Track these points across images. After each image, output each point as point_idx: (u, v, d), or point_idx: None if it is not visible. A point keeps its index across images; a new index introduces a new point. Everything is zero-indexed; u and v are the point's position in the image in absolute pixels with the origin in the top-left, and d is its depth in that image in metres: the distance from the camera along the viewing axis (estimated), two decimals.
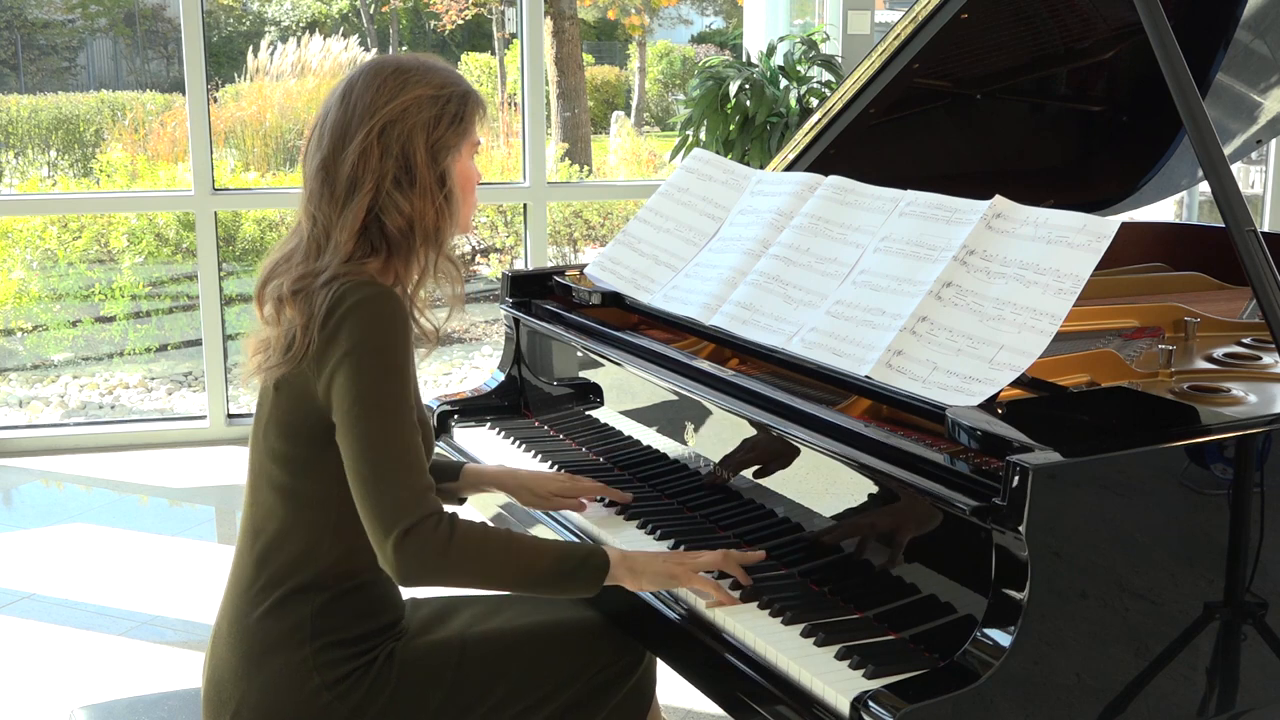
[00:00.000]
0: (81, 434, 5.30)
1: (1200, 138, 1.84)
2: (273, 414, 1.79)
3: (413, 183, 1.76)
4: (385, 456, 1.68)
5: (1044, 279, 1.75)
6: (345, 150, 1.75)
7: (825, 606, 1.76)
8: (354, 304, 1.69)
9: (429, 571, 1.70)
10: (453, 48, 16.69)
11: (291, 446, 1.77)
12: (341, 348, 1.69)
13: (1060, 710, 1.51)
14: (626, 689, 1.98)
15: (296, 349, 1.71)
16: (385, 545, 1.67)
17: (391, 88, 1.76)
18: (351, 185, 1.74)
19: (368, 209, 1.75)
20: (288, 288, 1.74)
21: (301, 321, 1.71)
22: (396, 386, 1.71)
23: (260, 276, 1.82)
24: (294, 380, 1.74)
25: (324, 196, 1.76)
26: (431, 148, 1.77)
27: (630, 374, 2.26)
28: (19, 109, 12.10)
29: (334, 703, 1.77)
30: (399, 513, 1.67)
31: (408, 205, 1.75)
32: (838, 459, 1.76)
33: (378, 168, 1.74)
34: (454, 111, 1.79)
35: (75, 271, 8.15)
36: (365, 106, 1.75)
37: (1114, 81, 2.97)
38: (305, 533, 1.78)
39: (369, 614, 1.82)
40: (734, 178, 2.44)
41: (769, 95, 5.21)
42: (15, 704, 3.09)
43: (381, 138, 1.74)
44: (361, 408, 1.68)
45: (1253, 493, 1.64)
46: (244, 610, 1.81)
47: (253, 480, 1.84)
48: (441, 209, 1.79)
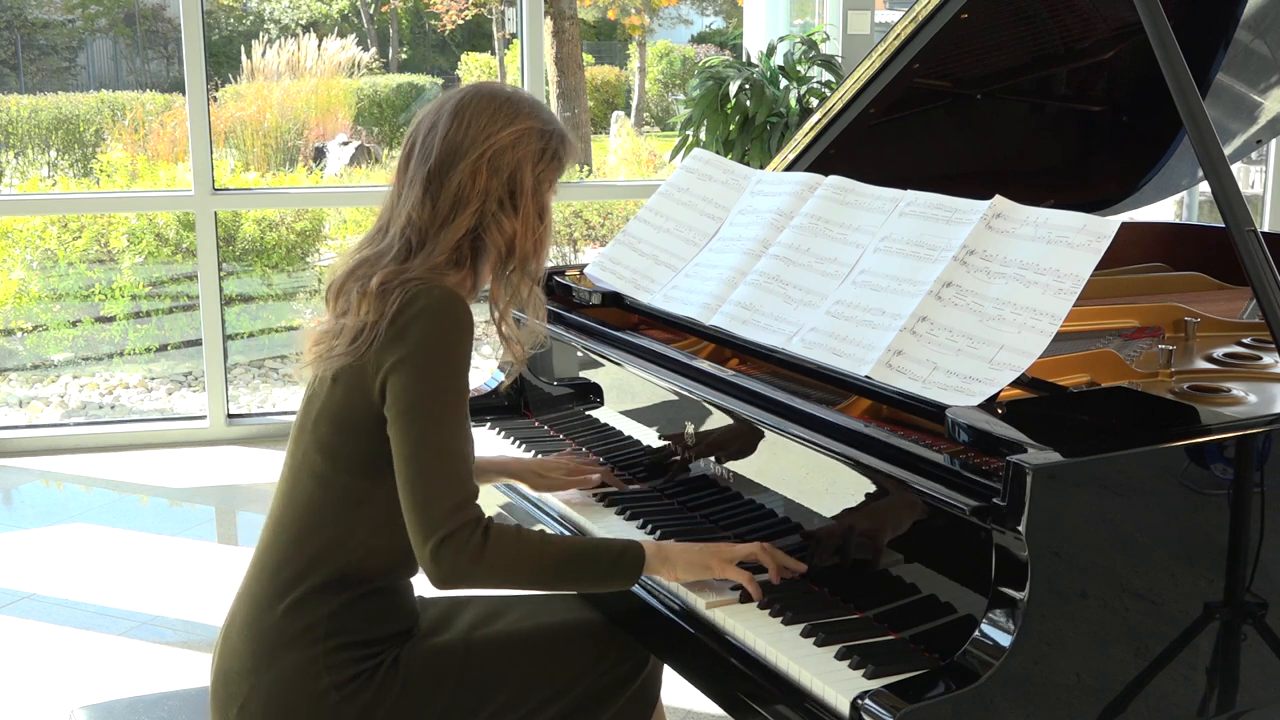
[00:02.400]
0: (81, 434, 5.30)
1: (1200, 138, 1.84)
2: (326, 404, 1.82)
3: (516, 208, 1.84)
4: (436, 461, 1.73)
5: (1044, 279, 1.75)
6: (456, 167, 1.82)
7: (825, 606, 1.76)
8: (425, 306, 1.75)
9: (464, 576, 1.75)
10: (453, 48, 16.69)
11: (340, 437, 1.81)
12: (406, 347, 1.73)
13: (1060, 710, 1.51)
14: (631, 692, 1.98)
15: (363, 340, 1.76)
16: (424, 548, 1.72)
17: (506, 115, 1.84)
18: (457, 203, 1.82)
19: (470, 227, 1.82)
20: (375, 283, 1.78)
21: (374, 317, 1.76)
22: (454, 395, 1.76)
23: (341, 271, 1.87)
24: (353, 372, 1.78)
25: (425, 205, 1.82)
26: (536, 178, 1.86)
27: (630, 374, 2.26)
28: (19, 109, 12.08)
29: (341, 704, 1.78)
30: (441, 519, 1.71)
31: (510, 228, 1.84)
32: (838, 459, 1.76)
33: (486, 189, 1.82)
34: (554, 149, 1.89)
35: (75, 271, 8.14)
36: (481, 129, 1.83)
37: (1114, 81, 2.97)
38: (339, 525, 1.81)
39: (384, 619, 1.84)
40: (734, 178, 2.44)
41: (769, 95, 5.21)
42: (15, 704, 3.09)
43: (492, 161, 1.82)
44: (418, 410, 1.73)
45: (1253, 493, 1.64)
46: (265, 603, 1.82)
47: (292, 472, 1.87)
48: (541, 238, 1.88)
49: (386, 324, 1.75)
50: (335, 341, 1.80)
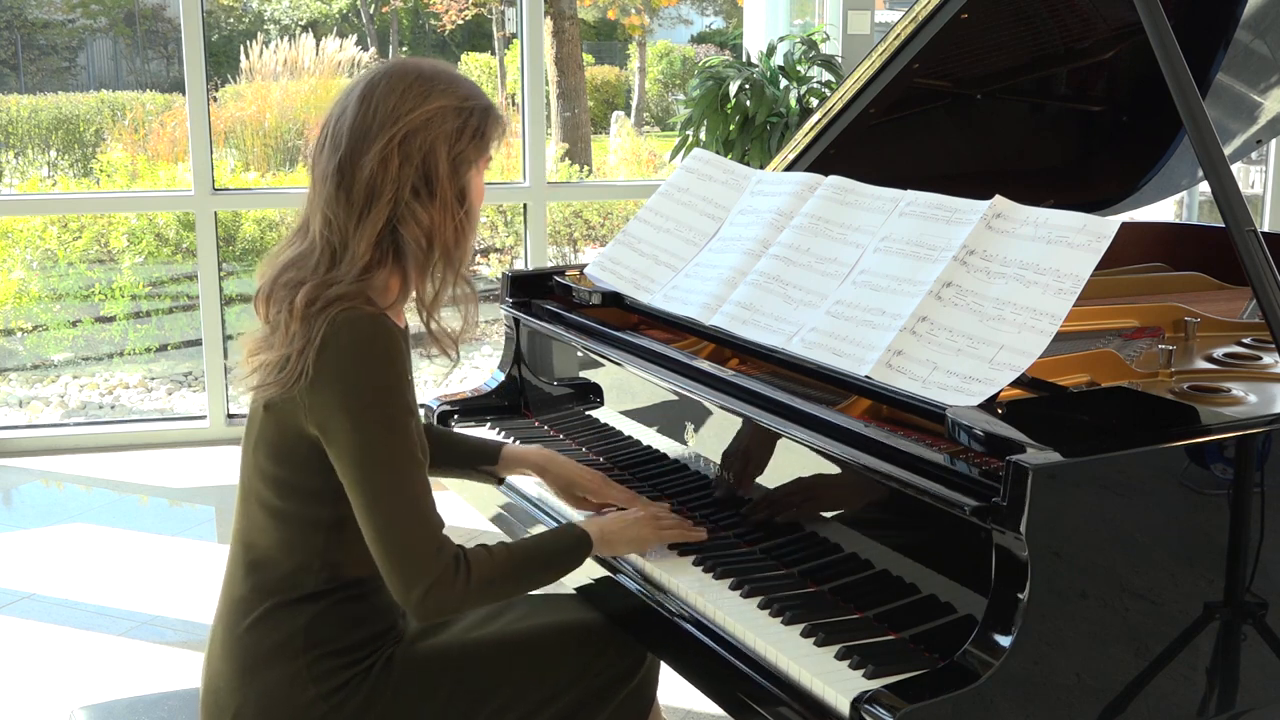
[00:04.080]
0: (81, 434, 5.30)
1: (1200, 138, 1.84)
2: (262, 433, 1.76)
3: (432, 195, 1.72)
4: (400, 506, 1.68)
5: (1044, 279, 1.75)
6: (364, 155, 1.70)
7: (825, 606, 1.76)
8: (348, 343, 1.66)
9: (450, 614, 1.78)
10: (453, 48, 16.68)
11: (279, 469, 1.76)
12: (336, 393, 1.66)
13: (1060, 710, 1.51)
14: (628, 691, 1.97)
15: (289, 373, 1.68)
16: (409, 596, 1.69)
17: (416, 95, 1.72)
18: (370, 193, 1.70)
19: (386, 219, 1.71)
20: (301, 299, 1.69)
21: (299, 345, 1.67)
22: (400, 436, 1.68)
23: (268, 275, 1.77)
24: (283, 404, 1.71)
25: (339, 201, 1.71)
26: (453, 160, 1.74)
27: (630, 374, 2.26)
28: (19, 109, 12.09)
29: (330, 713, 1.76)
30: (422, 568, 1.67)
31: (427, 218, 1.72)
32: (838, 459, 1.76)
33: (397, 176, 1.70)
34: (476, 125, 1.76)
35: (75, 271, 8.14)
36: (388, 112, 1.70)
37: (1114, 81, 2.97)
38: (294, 552, 1.77)
39: (362, 623, 1.81)
40: (734, 178, 2.44)
41: (769, 95, 5.21)
42: (15, 704, 3.09)
43: (403, 145, 1.70)
44: (368, 459, 1.66)
45: (1253, 493, 1.64)
46: (234, 620, 1.80)
47: (243, 494, 1.83)
48: (461, 226, 1.76)
49: (312, 359, 1.65)
50: (266, 357, 1.72)
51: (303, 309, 1.68)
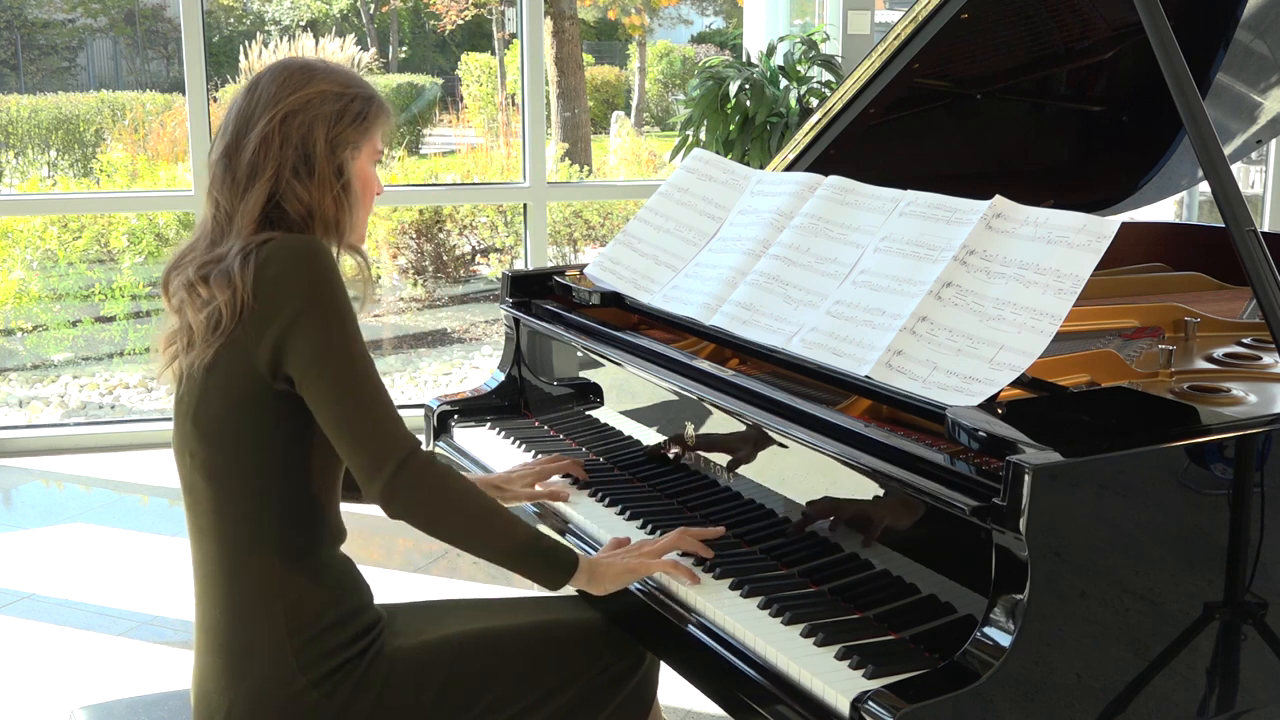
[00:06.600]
0: (81, 434, 5.30)
1: (1200, 138, 1.84)
2: (202, 402, 1.77)
3: (311, 173, 1.79)
4: (365, 396, 1.72)
5: (1044, 279, 1.75)
6: (247, 137, 1.79)
7: (825, 606, 1.76)
8: (290, 261, 1.72)
9: (419, 504, 1.74)
10: (453, 48, 16.68)
11: (218, 452, 1.76)
12: (291, 306, 1.70)
13: (1060, 710, 1.51)
14: (628, 690, 1.98)
15: (227, 322, 1.71)
16: (378, 477, 1.71)
17: (297, 81, 1.81)
18: (252, 171, 1.78)
19: (268, 195, 1.78)
20: (194, 273, 1.76)
21: (226, 296, 1.71)
22: (357, 332, 1.75)
23: (166, 268, 1.85)
24: (228, 355, 1.73)
25: (225, 182, 1.80)
26: (331, 141, 1.81)
27: (630, 374, 2.26)
28: (19, 109, 12.08)
29: (322, 701, 1.76)
30: (391, 445, 1.72)
31: (306, 194, 1.79)
32: (838, 459, 1.76)
33: (278, 155, 1.78)
34: (357, 110, 1.83)
35: (75, 271, 8.15)
36: (270, 97, 1.80)
37: (1114, 81, 2.97)
38: (243, 536, 1.77)
39: (336, 598, 1.81)
40: (734, 178, 2.44)
41: (769, 95, 5.21)
42: (15, 704, 3.09)
43: (283, 126, 1.78)
44: (332, 357, 1.71)
45: (1253, 493, 1.64)
46: (213, 618, 1.80)
47: (188, 497, 1.83)
48: (340, 200, 1.82)
49: (251, 293, 1.70)
50: (190, 339, 1.76)
51: (199, 279, 1.75)
